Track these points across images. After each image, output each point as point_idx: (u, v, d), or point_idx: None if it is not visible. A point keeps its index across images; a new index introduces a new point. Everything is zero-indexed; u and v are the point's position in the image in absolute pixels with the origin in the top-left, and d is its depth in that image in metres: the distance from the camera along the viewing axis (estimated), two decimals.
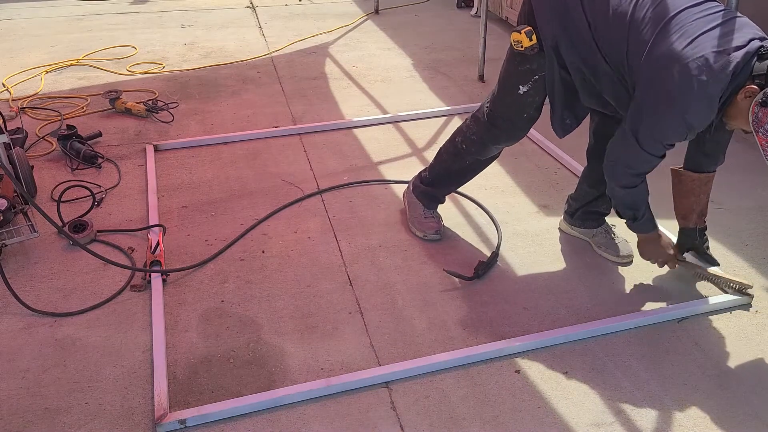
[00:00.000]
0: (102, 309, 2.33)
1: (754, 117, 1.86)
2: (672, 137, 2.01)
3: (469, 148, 2.50)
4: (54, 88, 4.17)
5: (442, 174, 2.64)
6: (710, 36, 1.87)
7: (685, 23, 1.90)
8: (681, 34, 1.88)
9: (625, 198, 2.23)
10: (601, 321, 2.23)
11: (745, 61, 1.85)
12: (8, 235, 2.55)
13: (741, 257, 2.56)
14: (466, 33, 5.18)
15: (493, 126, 2.41)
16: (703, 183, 2.30)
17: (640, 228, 2.33)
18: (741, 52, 1.85)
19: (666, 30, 1.90)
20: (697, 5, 1.93)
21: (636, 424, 1.88)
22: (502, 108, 2.37)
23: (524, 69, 2.24)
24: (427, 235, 2.67)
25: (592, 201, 2.57)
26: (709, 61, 1.84)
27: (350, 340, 2.19)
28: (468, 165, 2.57)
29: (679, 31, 1.89)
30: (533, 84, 2.24)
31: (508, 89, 2.32)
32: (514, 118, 2.34)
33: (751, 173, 3.14)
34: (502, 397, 1.97)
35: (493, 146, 2.47)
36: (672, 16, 1.91)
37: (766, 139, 1.87)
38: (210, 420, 1.90)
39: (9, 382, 2.04)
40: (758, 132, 1.88)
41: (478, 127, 2.46)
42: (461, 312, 2.30)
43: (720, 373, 2.05)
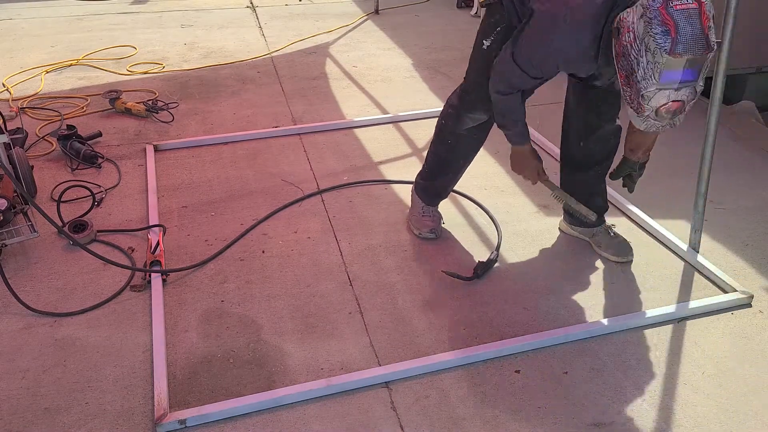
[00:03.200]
0: (102, 309, 2.33)
1: (614, 51, 1.87)
2: (544, 64, 2.09)
3: (447, 122, 2.52)
4: (54, 88, 4.16)
5: (434, 162, 2.64)
6: None
7: None
8: None
9: (499, 104, 2.26)
10: (600, 321, 2.23)
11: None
12: (8, 235, 2.55)
13: (741, 257, 2.57)
14: (466, 33, 5.18)
15: (465, 92, 2.45)
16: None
17: (512, 139, 2.37)
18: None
19: None
20: None
21: (636, 424, 1.88)
22: (472, 72, 2.42)
23: (489, 23, 2.29)
24: (421, 233, 2.67)
25: (586, 200, 2.55)
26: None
27: (350, 340, 2.19)
28: (451, 145, 2.54)
29: None
30: (495, 36, 2.27)
31: (476, 49, 2.38)
32: (482, 79, 2.33)
33: (751, 173, 3.14)
34: (502, 397, 1.97)
35: (467, 116, 2.46)
36: None
37: (623, 75, 1.85)
38: (210, 420, 1.90)
39: (9, 382, 2.04)
40: (617, 66, 1.87)
41: (455, 100, 2.50)
42: (461, 312, 2.30)
43: (720, 373, 2.05)
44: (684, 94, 1.80)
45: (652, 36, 1.74)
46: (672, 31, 1.73)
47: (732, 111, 3.74)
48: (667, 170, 3.17)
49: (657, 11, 1.73)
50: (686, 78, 1.78)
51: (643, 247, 2.63)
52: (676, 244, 2.59)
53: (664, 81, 1.77)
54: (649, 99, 1.81)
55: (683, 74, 1.77)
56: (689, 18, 1.73)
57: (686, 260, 2.54)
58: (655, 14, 1.74)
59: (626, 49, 1.80)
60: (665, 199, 2.94)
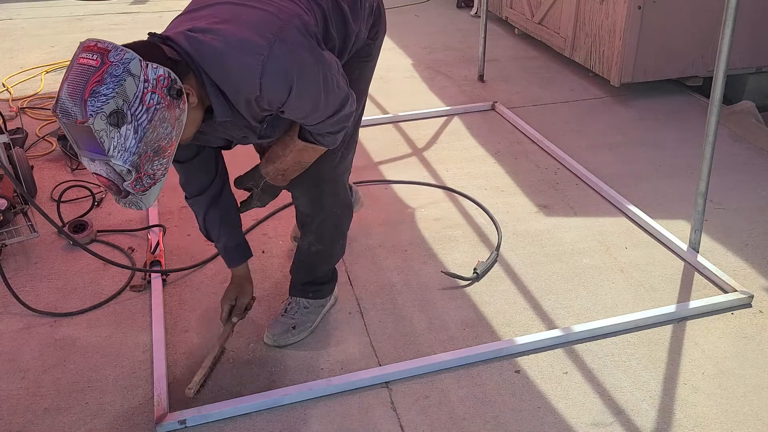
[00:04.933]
0: (102, 309, 2.33)
1: None
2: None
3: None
4: (54, 88, 4.16)
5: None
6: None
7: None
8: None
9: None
10: (600, 321, 2.23)
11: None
12: (8, 235, 2.55)
13: (741, 257, 2.56)
14: (466, 33, 5.18)
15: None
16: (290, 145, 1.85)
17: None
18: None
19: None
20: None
21: (636, 424, 1.88)
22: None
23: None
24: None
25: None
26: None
27: (350, 340, 2.19)
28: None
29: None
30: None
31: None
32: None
33: (751, 173, 3.14)
34: (502, 397, 1.97)
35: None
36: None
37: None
38: (210, 420, 1.90)
39: (9, 382, 2.04)
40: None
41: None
42: (461, 312, 2.30)
43: (720, 373, 2.05)
44: (99, 168, 1.43)
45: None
46: (61, 86, 1.40)
47: (732, 111, 3.74)
48: (667, 170, 3.18)
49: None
50: (80, 146, 1.41)
51: (643, 247, 2.63)
52: (676, 244, 2.59)
53: (74, 145, 1.45)
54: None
55: (76, 140, 1.41)
56: (78, 75, 1.37)
57: (686, 260, 2.54)
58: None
59: None
60: (665, 199, 2.94)
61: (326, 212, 2.03)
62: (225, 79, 1.54)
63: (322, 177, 1.96)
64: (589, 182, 3.05)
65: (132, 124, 1.40)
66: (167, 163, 1.51)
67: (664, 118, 3.70)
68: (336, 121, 1.73)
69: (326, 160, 1.92)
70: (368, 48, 1.96)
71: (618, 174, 3.13)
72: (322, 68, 1.61)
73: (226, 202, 1.99)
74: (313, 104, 1.64)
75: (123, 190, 1.47)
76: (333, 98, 1.67)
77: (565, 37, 4.27)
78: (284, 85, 1.55)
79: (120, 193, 1.48)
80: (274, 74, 1.52)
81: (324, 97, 1.64)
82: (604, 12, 3.85)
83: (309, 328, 2.18)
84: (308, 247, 2.11)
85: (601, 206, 2.91)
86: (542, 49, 4.70)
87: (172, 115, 1.46)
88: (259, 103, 1.58)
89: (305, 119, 1.70)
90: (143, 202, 1.52)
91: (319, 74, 1.60)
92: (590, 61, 4.08)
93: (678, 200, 2.91)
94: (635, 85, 3.93)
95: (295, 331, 2.15)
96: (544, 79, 4.28)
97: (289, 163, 1.85)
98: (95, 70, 1.36)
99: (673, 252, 2.59)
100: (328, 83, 1.64)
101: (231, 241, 2.03)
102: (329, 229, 2.09)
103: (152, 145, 1.44)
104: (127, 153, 1.41)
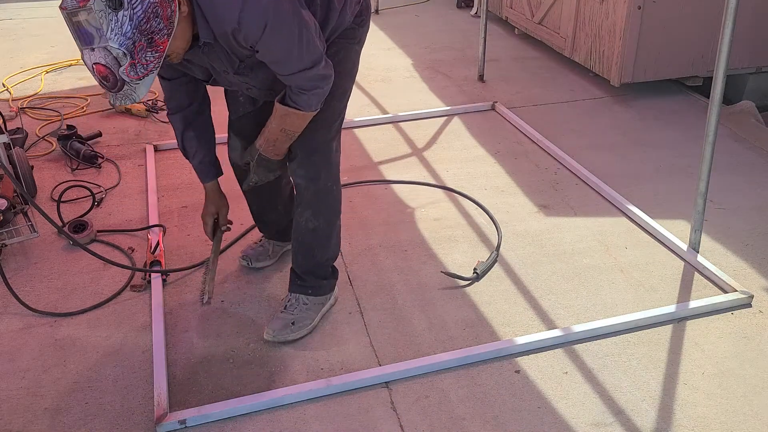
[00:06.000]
0: (102, 309, 2.33)
1: None
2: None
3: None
4: (54, 88, 4.16)
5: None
6: None
7: None
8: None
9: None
10: (600, 321, 2.23)
11: None
12: (8, 235, 2.55)
13: (741, 257, 2.56)
14: (466, 33, 5.18)
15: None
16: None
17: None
18: None
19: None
20: None
21: (636, 424, 1.88)
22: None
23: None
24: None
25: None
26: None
27: (350, 340, 2.19)
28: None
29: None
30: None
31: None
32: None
33: (751, 173, 3.14)
34: (502, 397, 1.97)
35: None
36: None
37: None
38: (210, 420, 1.90)
39: (9, 382, 2.04)
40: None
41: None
42: (461, 312, 2.30)
43: (720, 373, 2.05)
44: (98, 56, 1.58)
45: None
46: None
47: (732, 111, 3.74)
48: (667, 170, 3.18)
49: None
50: (80, 38, 1.60)
51: (643, 247, 2.63)
52: (676, 244, 2.59)
53: (76, 42, 1.62)
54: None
55: (78, 33, 1.60)
56: None
57: (686, 260, 2.54)
58: None
59: None
60: (665, 199, 2.94)
61: (321, 183, 2.11)
62: (211, 8, 1.70)
63: (315, 148, 2.08)
64: (589, 182, 3.05)
65: (128, 11, 1.55)
66: (159, 58, 1.63)
67: (664, 118, 3.70)
68: (309, 78, 1.85)
69: (320, 132, 2.05)
70: (353, 31, 2.07)
71: (618, 174, 3.13)
72: (297, 21, 1.76)
73: (205, 125, 2.18)
74: (286, 51, 1.77)
75: (119, 79, 1.60)
76: (306, 53, 1.80)
77: (565, 37, 4.28)
78: (260, 22, 1.70)
79: (116, 84, 1.61)
80: (253, 11, 1.68)
81: (297, 50, 1.78)
82: (604, 12, 3.85)
83: (308, 325, 2.19)
84: (305, 224, 2.14)
85: (601, 206, 2.91)
86: (542, 49, 4.70)
87: (165, 12, 1.60)
88: (236, 36, 1.73)
89: (278, 66, 1.82)
90: (136, 93, 1.64)
91: (294, 25, 1.75)
92: (590, 61, 4.08)
93: (678, 200, 2.91)
94: (635, 85, 3.93)
95: (295, 327, 2.16)
96: (544, 79, 4.28)
97: (276, 131, 1.97)
98: None
99: (673, 252, 2.59)
100: (303, 37, 1.77)
101: (206, 158, 2.20)
102: (324, 202, 2.15)
103: (146, 35, 1.58)
104: (123, 37, 1.56)
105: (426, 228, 2.77)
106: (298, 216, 2.15)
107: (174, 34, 1.64)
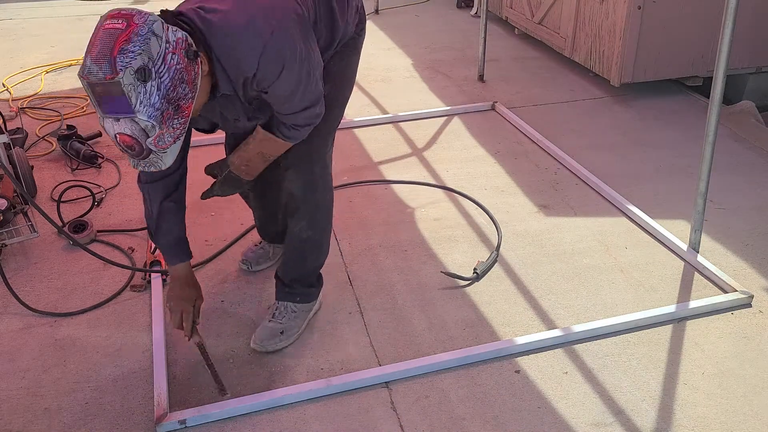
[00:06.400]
0: (102, 309, 2.33)
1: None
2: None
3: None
4: (54, 88, 4.16)
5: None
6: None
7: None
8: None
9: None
10: (600, 321, 2.23)
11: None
12: (8, 235, 2.55)
13: (741, 257, 2.56)
14: (466, 33, 5.18)
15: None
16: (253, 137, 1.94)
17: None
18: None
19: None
20: None
21: (636, 424, 1.88)
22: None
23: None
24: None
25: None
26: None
27: (350, 340, 2.19)
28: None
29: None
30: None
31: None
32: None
33: (751, 173, 3.14)
34: (502, 397, 1.97)
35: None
36: None
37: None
38: (210, 420, 1.90)
39: (9, 382, 2.04)
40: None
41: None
42: (461, 312, 2.30)
43: (720, 373, 2.05)
44: (124, 127, 1.51)
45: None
46: (87, 51, 1.49)
47: (732, 111, 3.74)
48: (667, 170, 3.18)
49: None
50: (105, 108, 1.50)
51: (643, 247, 2.63)
52: (676, 244, 2.59)
53: (97, 109, 1.53)
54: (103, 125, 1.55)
55: (101, 103, 1.50)
56: (105, 38, 1.47)
57: (686, 260, 2.54)
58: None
59: None
60: (665, 199, 2.94)
61: (318, 195, 2.09)
62: (229, 56, 1.66)
63: (314, 160, 2.05)
64: (589, 182, 3.05)
65: (155, 81, 1.50)
66: (185, 123, 1.60)
67: (664, 118, 3.70)
68: (307, 116, 1.85)
69: (319, 144, 2.03)
70: (354, 41, 2.08)
71: (618, 174, 3.13)
72: (308, 63, 1.75)
73: (183, 193, 2.03)
74: (292, 92, 1.76)
75: (146, 149, 1.55)
76: (309, 93, 1.80)
77: (565, 37, 4.28)
78: (278, 66, 1.68)
79: (142, 153, 1.56)
80: (271, 55, 1.66)
81: (303, 89, 1.77)
82: (604, 12, 3.85)
83: (296, 333, 2.18)
84: (299, 233, 2.12)
85: (601, 206, 2.91)
86: (542, 49, 4.70)
87: (189, 76, 1.57)
88: (251, 81, 1.71)
89: (281, 105, 1.81)
90: (163, 161, 1.60)
91: (304, 67, 1.74)
92: (590, 61, 4.08)
93: (678, 200, 2.91)
94: (635, 85, 3.93)
95: (283, 336, 2.15)
96: (544, 79, 4.28)
97: (252, 153, 1.94)
98: (121, 31, 1.47)
99: (673, 252, 2.59)
100: (310, 78, 1.78)
101: (180, 233, 2.04)
102: (320, 212, 2.13)
103: (173, 102, 1.54)
104: (151, 108, 1.50)
105: (426, 228, 2.77)
106: (292, 225, 2.13)
107: (198, 90, 1.60)
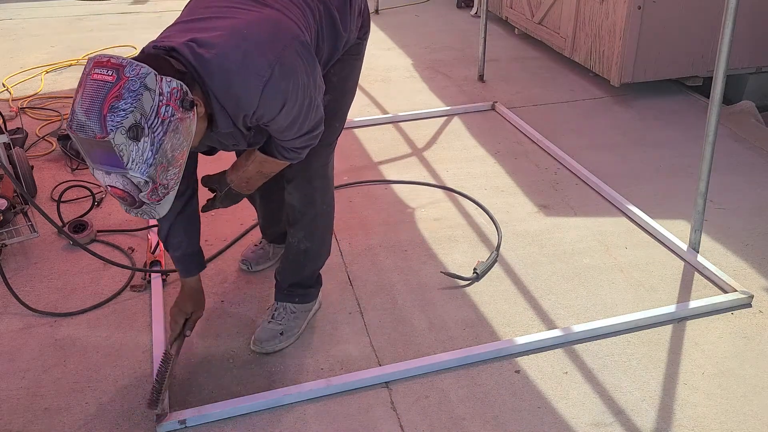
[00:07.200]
0: (102, 309, 2.33)
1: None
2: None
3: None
4: (54, 88, 4.16)
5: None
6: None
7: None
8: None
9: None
10: (600, 321, 2.23)
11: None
12: (8, 235, 2.55)
13: (741, 257, 2.56)
14: (466, 33, 5.18)
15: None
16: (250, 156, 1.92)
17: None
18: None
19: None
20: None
21: (636, 424, 1.88)
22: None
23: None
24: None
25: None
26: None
27: (350, 340, 2.19)
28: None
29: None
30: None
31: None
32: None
33: (751, 173, 3.14)
34: (502, 397, 1.97)
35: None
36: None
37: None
38: (210, 420, 1.90)
39: (9, 382, 2.04)
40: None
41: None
42: (461, 312, 2.30)
43: (720, 373, 2.05)
44: (115, 181, 1.45)
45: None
46: (75, 102, 1.41)
47: (732, 111, 3.74)
48: (667, 170, 3.18)
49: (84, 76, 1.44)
50: (95, 160, 1.44)
51: (643, 247, 2.63)
52: (676, 244, 2.59)
53: (87, 159, 1.48)
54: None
55: (90, 155, 1.44)
56: (94, 91, 1.39)
57: (686, 260, 2.54)
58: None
59: None
60: (665, 199, 2.94)
61: (317, 208, 2.08)
62: (227, 96, 1.60)
63: (314, 174, 2.03)
64: (589, 182, 3.05)
65: (149, 137, 1.43)
66: (179, 172, 1.54)
67: (664, 118, 3.70)
68: (306, 139, 1.81)
69: (318, 159, 2.00)
70: (358, 47, 2.05)
71: (618, 174, 3.13)
72: (310, 92, 1.70)
73: (195, 212, 2.02)
74: (294, 121, 1.71)
75: (138, 201, 1.50)
76: (311, 119, 1.75)
77: (565, 37, 4.28)
78: (279, 102, 1.63)
79: (134, 204, 1.51)
80: (273, 92, 1.60)
81: (304, 117, 1.72)
82: (604, 12, 3.85)
83: (296, 333, 2.18)
84: (297, 244, 2.12)
85: (601, 206, 2.91)
86: (542, 49, 4.70)
87: (184, 125, 1.50)
88: (251, 117, 1.66)
89: (281, 133, 1.76)
90: (157, 212, 1.55)
91: (306, 97, 1.69)
92: (590, 61, 4.08)
93: (678, 200, 2.91)
94: (635, 85, 3.93)
95: (283, 337, 2.15)
96: (544, 79, 4.28)
97: (252, 173, 1.92)
98: (112, 85, 1.39)
99: (673, 252, 2.59)
100: (312, 106, 1.72)
101: (190, 249, 2.03)
102: (319, 226, 2.13)
103: (167, 155, 1.48)
104: (144, 165, 1.44)
105: (426, 228, 2.77)
106: (290, 236, 2.12)
107: (193, 136, 1.55)
